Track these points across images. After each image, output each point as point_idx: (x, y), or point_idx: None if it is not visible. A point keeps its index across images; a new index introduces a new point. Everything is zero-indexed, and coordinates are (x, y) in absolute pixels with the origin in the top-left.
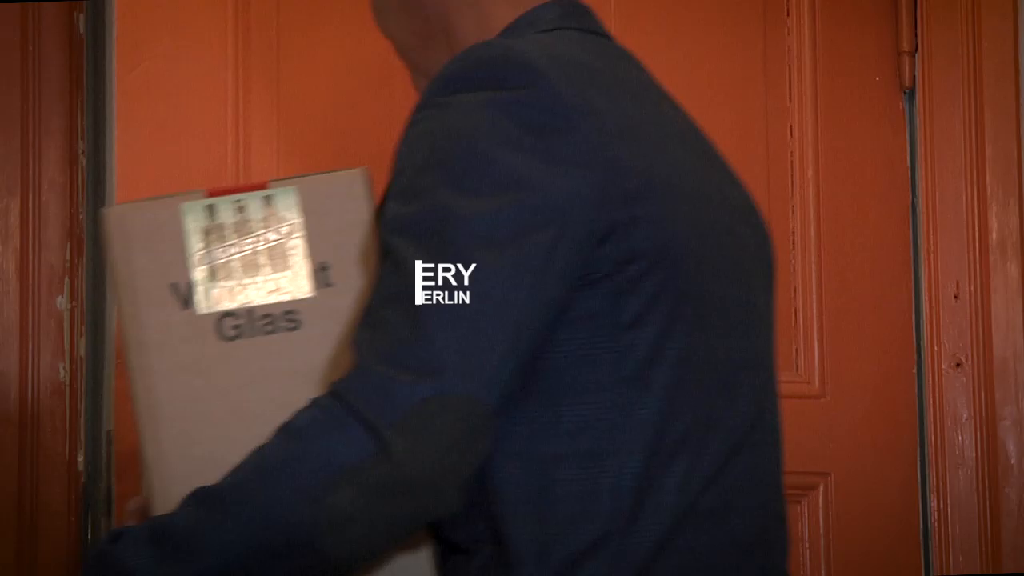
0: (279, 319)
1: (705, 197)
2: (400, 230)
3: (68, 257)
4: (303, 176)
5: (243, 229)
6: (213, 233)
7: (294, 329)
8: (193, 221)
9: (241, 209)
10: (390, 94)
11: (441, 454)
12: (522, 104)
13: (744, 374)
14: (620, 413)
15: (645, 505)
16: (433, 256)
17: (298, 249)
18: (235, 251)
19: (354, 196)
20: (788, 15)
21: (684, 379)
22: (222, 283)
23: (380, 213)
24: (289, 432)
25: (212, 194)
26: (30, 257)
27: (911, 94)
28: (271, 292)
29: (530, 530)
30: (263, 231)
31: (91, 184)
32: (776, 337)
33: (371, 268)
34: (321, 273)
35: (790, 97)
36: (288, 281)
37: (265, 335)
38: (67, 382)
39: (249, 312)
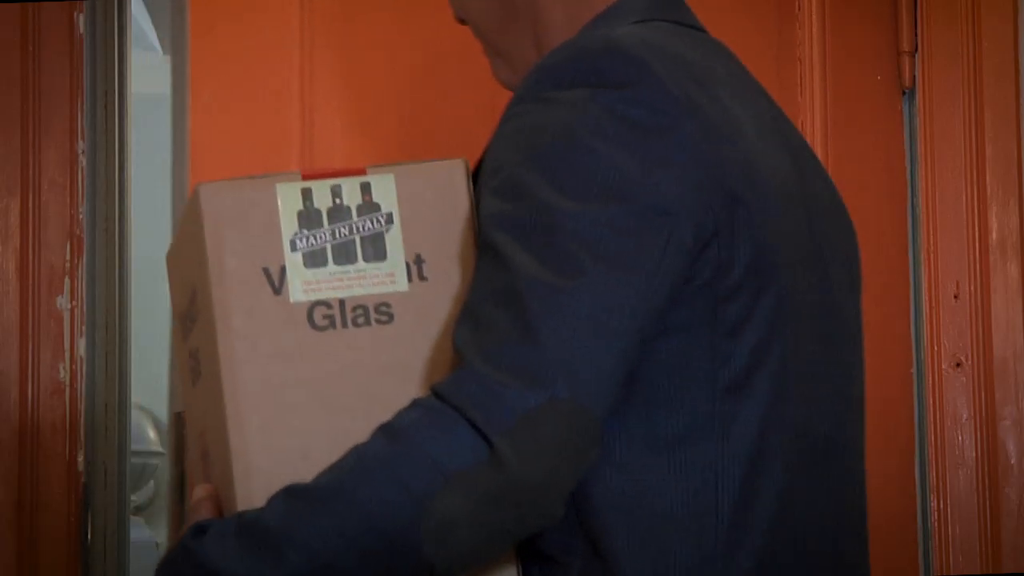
0: (372, 311)
1: (799, 197)
2: (504, 228)
3: (68, 257)
4: (401, 164)
5: (338, 215)
6: (308, 217)
7: (387, 323)
8: (288, 204)
9: (337, 194)
10: (459, 70)
11: (551, 464)
12: (627, 101)
13: (833, 383)
14: (718, 424)
15: (746, 519)
16: (541, 258)
17: (394, 240)
18: (329, 238)
19: (453, 187)
20: (799, 10)
21: (781, 389)
22: (315, 271)
23: (477, 207)
24: (393, 432)
25: (308, 177)
26: (30, 257)
27: (911, 94)
28: (365, 283)
29: (630, 544)
30: (358, 219)
31: (91, 184)
32: (863, 344)
33: (468, 264)
34: (416, 266)
35: (801, 93)
36: (382, 273)
37: (357, 327)
38: (67, 382)
39: (341, 302)
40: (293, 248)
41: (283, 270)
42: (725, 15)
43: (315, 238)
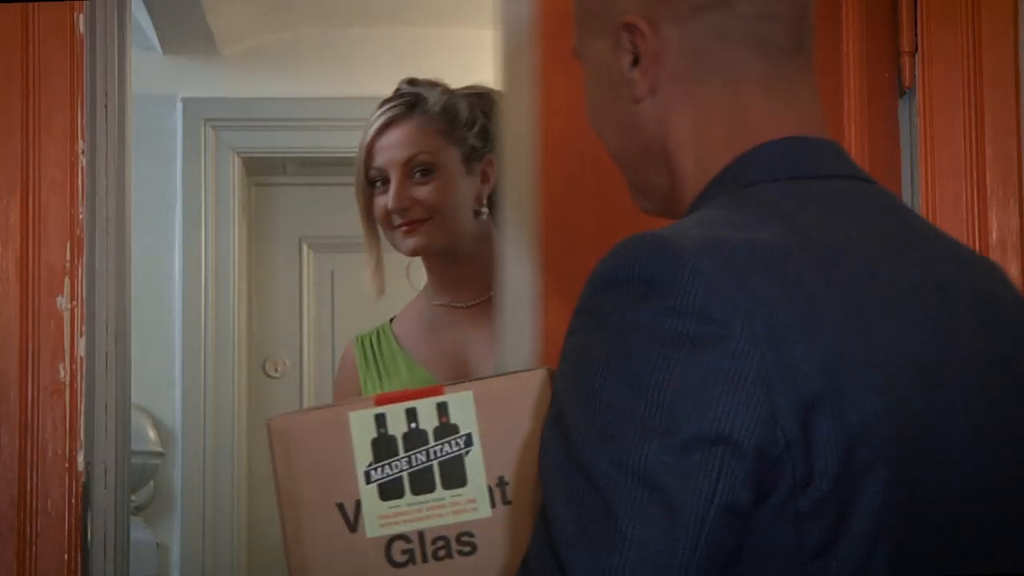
0: (453, 543)
1: (926, 374)
2: (549, 469)
3: (68, 257)
4: (481, 379)
5: (415, 441)
6: (382, 446)
7: (469, 554)
8: (361, 432)
9: (412, 418)
10: None
11: None
12: (671, 312)
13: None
14: None
15: None
16: (578, 516)
17: (474, 462)
18: (406, 466)
19: (535, 400)
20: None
21: None
22: (392, 503)
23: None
24: None
25: (381, 402)
26: (30, 257)
27: (911, 94)
28: (445, 512)
29: None
30: (435, 443)
31: (91, 184)
32: None
33: None
34: (499, 489)
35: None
36: (463, 499)
37: (437, 560)
38: (67, 382)
39: (420, 535)
40: (368, 480)
41: (358, 505)
42: None
43: (391, 467)
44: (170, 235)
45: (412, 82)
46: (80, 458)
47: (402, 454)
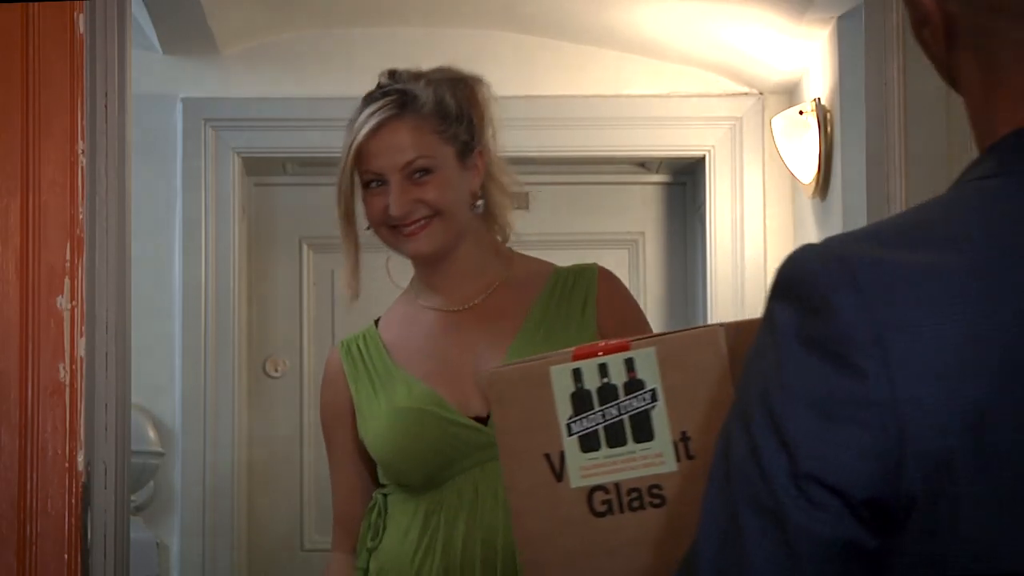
0: (645, 494)
1: None
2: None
3: (68, 257)
4: (663, 335)
5: (607, 395)
6: (580, 399)
7: (660, 506)
8: (561, 386)
9: (604, 373)
10: None
11: None
12: (817, 334)
13: None
14: None
15: None
16: (724, 506)
17: (659, 418)
18: (601, 419)
19: (713, 357)
20: None
21: None
22: (590, 455)
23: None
24: None
25: (577, 356)
26: (30, 257)
27: None
28: (636, 465)
29: None
30: (626, 398)
31: (91, 184)
32: None
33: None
34: (683, 444)
35: None
36: (651, 453)
37: (632, 511)
38: (67, 382)
39: (617, 487)
40: (569, 432)
41: (562, 456)
42: None
43: (588, 420)
44: (170, 235)
45: (393, 75)
46: (80, 458)
47: (597, 408)
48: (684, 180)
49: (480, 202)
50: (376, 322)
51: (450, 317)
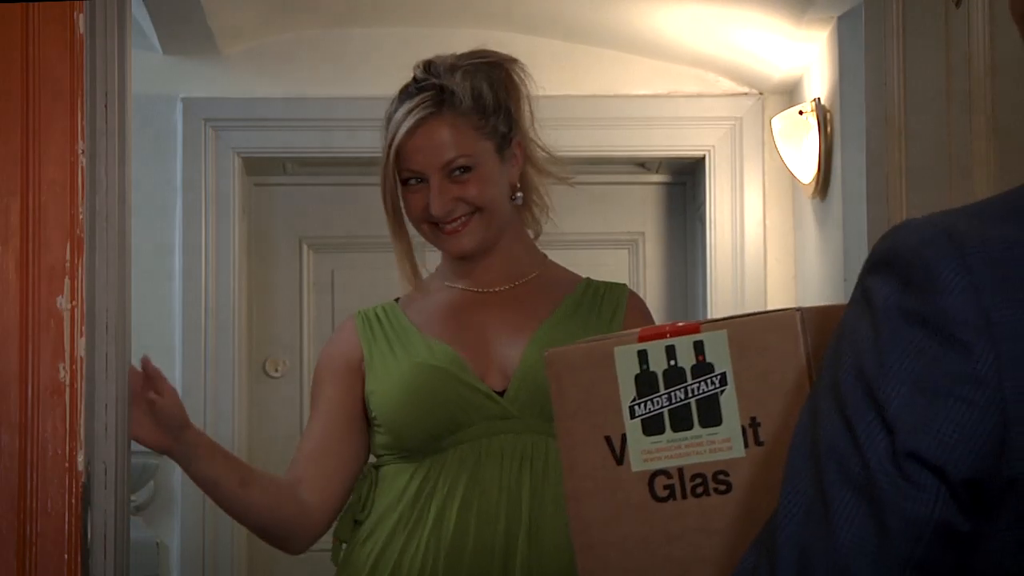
0: (710, 480)
1: None
2: (796, 434)
3: (68, 257)
4: (734, 317)
5: (674, 378)
6: (645, 381)
7: (725, 492)
8: (625, 368)
9: (671, 355)
10: None
11: None
12: (923, 312)
13: None
14: None
15: None
16: (814, 482)
17: (728, 402)
18: (666, 402)
19: (788, 342)
20: None
21: None
22: (654, 439)
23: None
24: None
25: (643, 338)
26: (30, 257)
27: None
28: (702, 450)
29: None
30: (693, 381)
31: (91, 184)
32: None
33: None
34: (752, 429)
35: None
36: (718, 439)
37: (696, 497)
38: (67, 382)
39: (680, 471)
40: (632, 415)
41: (624, 439)
42: None
43: (652, 403)
44: (170, 235)
45: (428, 67)
46: (80, 458)
47: (662, 391)
48: (684, 180)
49: (519, 194)
50: (396, 300)
51: (476, 296)
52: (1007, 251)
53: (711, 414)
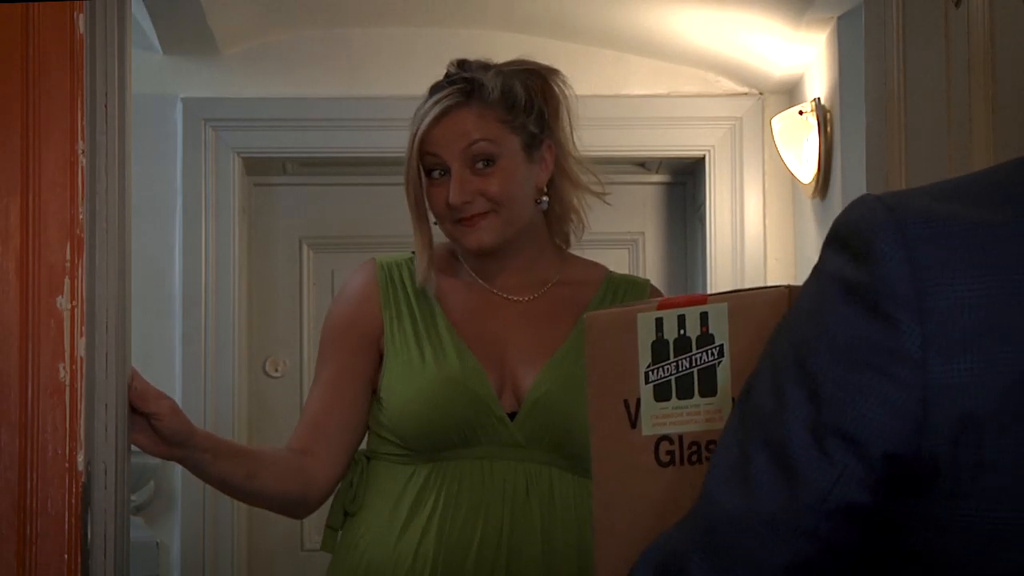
0: (703, 449)
1: None
2: (740, 401)
3: (68, 257)
4: (736, 292)
5: (682, 347)
6: (659, 348)
7: None
8: (645, 334)
9: (682, 324)
10: None
11: None
12: (861, 283)
13: None
14: None
15: None
16: (738, 444)
17: (724, 374)
18: (674, 370)
19: (777, 317)
20: None
21: None
22: (662, 405)
23: None
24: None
25: (662, 307)
26: (30, 257)
27: None
28: (699, 419)
29: None
30: (697, 351)
31: (91, 184)
32: None
33: None
34: None
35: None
36: (712, 409)
37: (691, 464)
38: (67, 382)
39: (680, 438)
40: (647, 380)
41: (638, 403)
42: None
43: (663, 370)
44: (170, 235)
45: (462, 65)
46: (80, 458)
47: (672, 359)
48: (684, 180)
49: (545, 198)
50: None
51: (502, 301)
52: (947, 228)
53: (709, 385)
